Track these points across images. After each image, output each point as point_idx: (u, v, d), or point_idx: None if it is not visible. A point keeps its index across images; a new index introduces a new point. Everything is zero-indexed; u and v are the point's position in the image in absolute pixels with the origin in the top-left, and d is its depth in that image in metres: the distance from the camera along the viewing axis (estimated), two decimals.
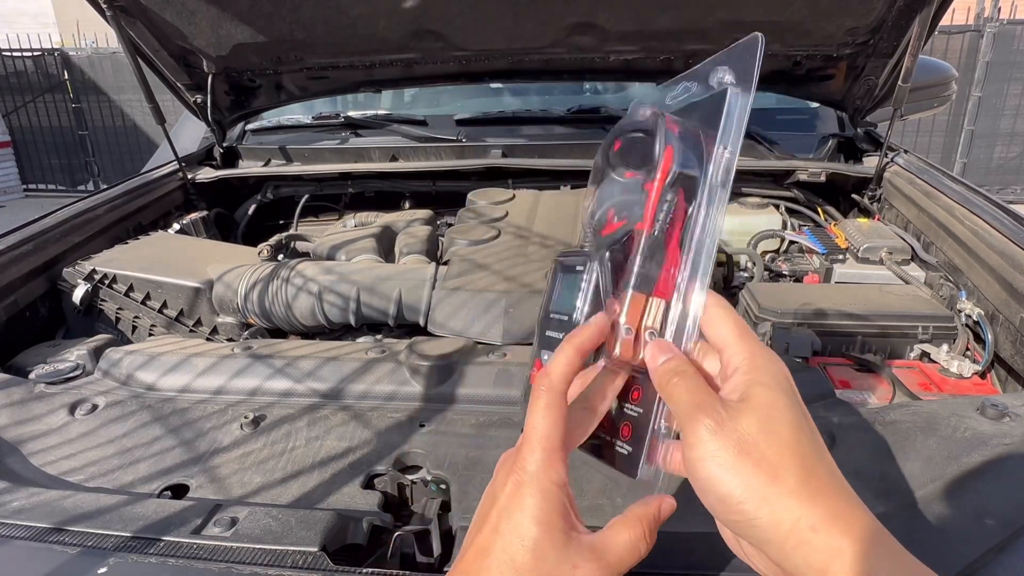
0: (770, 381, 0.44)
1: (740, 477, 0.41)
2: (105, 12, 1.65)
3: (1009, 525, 0.66)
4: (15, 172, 8.88)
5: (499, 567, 0.43)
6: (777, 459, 0.41)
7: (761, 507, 0.40)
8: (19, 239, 1.44)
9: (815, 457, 0.41)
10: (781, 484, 0.40)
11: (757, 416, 0.42)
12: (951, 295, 1.35)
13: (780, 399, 0.43)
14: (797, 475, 0.40)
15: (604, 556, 0.44)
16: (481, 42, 1.86)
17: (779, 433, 0.41)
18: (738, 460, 0.41)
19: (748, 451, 0.41)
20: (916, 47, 1.60)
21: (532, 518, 0.43)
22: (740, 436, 0.41)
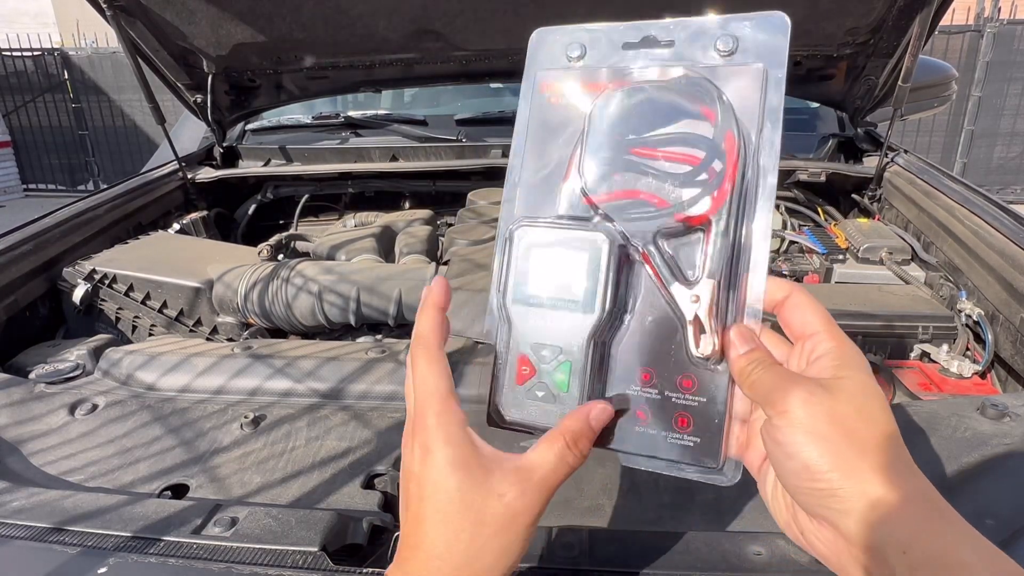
0: (862, 368, 0.44)
1: (830, 445, 0.41)
2: (105, 12, 1.65)
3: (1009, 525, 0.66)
4: (15, 172, 8.88)
5: (434, 527, 0.43)
6: (867, 436, 0.41)
7: (849, 477, 0.40)
8: (19, 239, 1.44)
9: (898, 445, 0.42)
10: (870, 459, 0.41)
11: (849, 395, 0.43)
12: (951, 295, 1.35)
13: (871, 386, 0.44)
14: (886, 454, 0.41)
15: (531, 476, 0.43)
16: (481, 42, 1.86)
17: (870, 413, 0.42)
18: (830, 430, 0.41)
19: (839, 423, 0.41)
20: (916, 47, 1.60)
21: (448, 466, 0.43)
22: (832, 408, 0.42)
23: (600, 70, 0.52)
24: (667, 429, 0.49)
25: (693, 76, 0.49)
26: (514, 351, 0.51)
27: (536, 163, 0.53)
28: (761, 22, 0.49)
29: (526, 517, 0.43)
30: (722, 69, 0.49)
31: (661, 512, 0.74)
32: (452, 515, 0.42)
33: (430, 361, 0.46)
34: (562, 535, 0.68)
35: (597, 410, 0.47)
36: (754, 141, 0.48)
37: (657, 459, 0.49)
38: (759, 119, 0.48)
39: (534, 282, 0.50)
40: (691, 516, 0.74)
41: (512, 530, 0.42)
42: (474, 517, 0.42)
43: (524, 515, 0.43)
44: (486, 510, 0.42)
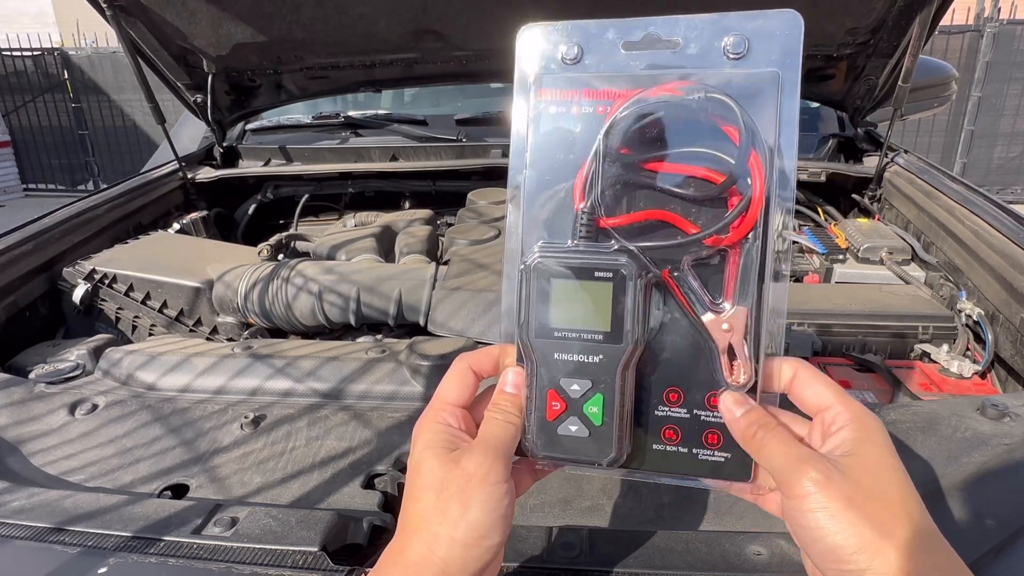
0: (879, 440, 0.45)
1: (854, 528, 0.42)
2: (105, 12, 1.65)
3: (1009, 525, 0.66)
4: (15, 172, 8.87)
5: (410, 506, 0.49)
6: (887, 515, 0.42)
7: (875, 558, 0.41)
8: (19, 239, 1.44)
9: (920, 516, 0.43)
10: (893, 538, 0.42)
11: (867, 472, 0.44)
12: (951, 295, 1.35)
13: (888, 458, 0.45)
14: (908, 530, 0.42)
15: (487, 446, 0.49)
16: (481, 41, 1.86)
17: (888, 490, 0.43)
18: (850, 512, 0.42)
19: (860, 504, 0.42)
20: (916, 47, 1.60)
21: (424, 451, 0.49)
22: (851, 489, 0.43)
23: (603, 76, 0.49)
24: (698, 446, 0.49)
25: (713, 94, 0.46)
26: (542, 386, 0.50)
27: (542, 184, 0.50)
28: (773, 21, 0.47)
29: (483, 478, 0.47)
30: (735, 76, 0.47)
31: (661, 512, 0.74)
32: (420, 489, 0.48)
33: (448, 374, 0.54)
34: (562, 535, 0.68)
35: (512, 375, 0.52)
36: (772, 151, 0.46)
37: (689, 476, 0.49)
38: (775, 128, 0.46)
39: (557, 315, 0.48)
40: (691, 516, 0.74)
41: (469, 490, 0.47)
42: (437, 486, 0.47)
43: (480, 476, 0.47)
44: (448, 478, 0.47)
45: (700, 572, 0.63)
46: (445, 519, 0.46)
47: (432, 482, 0.48)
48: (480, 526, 0.46)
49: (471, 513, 0.46)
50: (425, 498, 0.48)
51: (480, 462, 0.47)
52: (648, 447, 0.50)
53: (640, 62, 0.49)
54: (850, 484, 0.43)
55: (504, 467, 0.48)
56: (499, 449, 0.49)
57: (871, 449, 0.45)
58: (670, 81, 0.48)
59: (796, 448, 0.45)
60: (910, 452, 0.80)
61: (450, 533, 0.46)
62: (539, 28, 0.51)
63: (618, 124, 0.48)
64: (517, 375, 0.52)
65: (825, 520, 0.43)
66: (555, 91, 0.50)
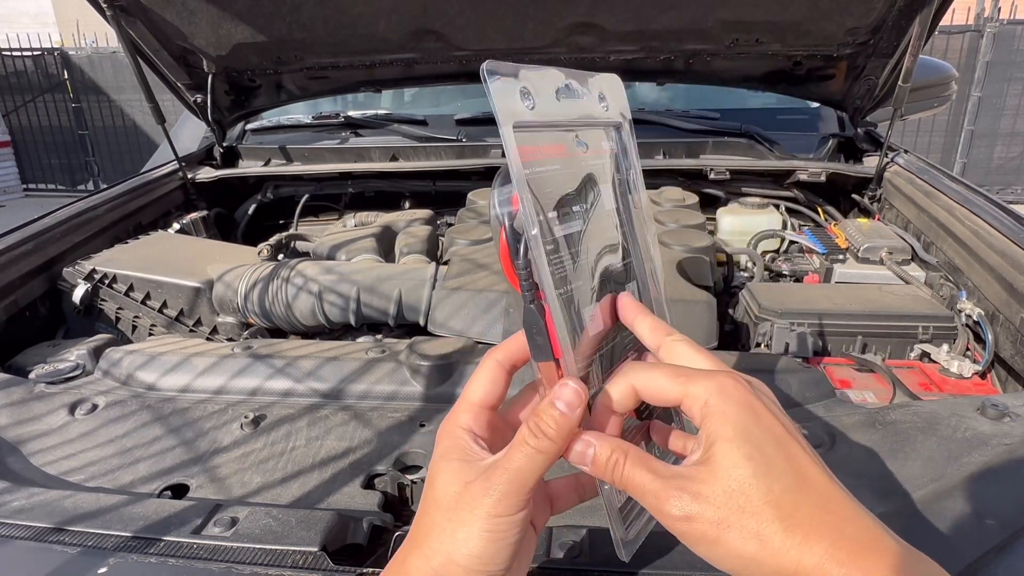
0: (729, 431, 0.41)
1: (727, 550, 0.40)
2: (105, 12, 1.65)
3: (1009, 525, 0.66)
4: (15, 172, 8.87)
5: (425, 507, 0.47)
6: (756, 523, 0.39)
7: (761, 572, 0.40)
8: (19, 239, 1.44)
9: (795, 498, 0.40)
10: (768, 544, 0.39)
11: (721, 483, 0.40)
12: (951, 295, 1.35)
13: (741, 450, 0.40)
14: (779, 528, 0.39)
15: (507, 476, 0.44)
16: (481, 42, 1.86)
17: (749, 494, 0.40)
18: (721, 534, 0.40)
19: (726, 524, 0.40)
20: (916, 47, 1.60)
21: (439, 460, 0.47)
22: (713, 512, 0.40)
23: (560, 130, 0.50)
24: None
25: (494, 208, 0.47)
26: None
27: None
28: (609, 81, 0.55)
29: (491, 508, 0.43)
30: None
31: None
32: (432, 504, 0.46)
33: (479, 372, 0.50)
34: (562, 535, 0.68)
35: (571, 391, 0.43)
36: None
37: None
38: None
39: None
40: None
41: (475, 518, 0.43)
42: (446, 504, 0.45)
43: (488, 506, 0.43)
44: (458, 499, 0.45)
45: (700, 572, 0.63)
46: (449, 539, 0.44)
47: (442, 499, 0.45)
48: (484, 555, 0.43)
49: (473, 542, 0.43)
50: (433, 513, 0.45)
51: (488, 489, 0.43)
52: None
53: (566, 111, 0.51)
54: (709, 506, 0.40)
55: (519, 500, 0.43)
56: (518, 482, 0.43)
57: (722, 449, 0.41)
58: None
59: (649, 480, 0.42)
60: (910, 452, 0.80)
61: (450, 554, 0.44)
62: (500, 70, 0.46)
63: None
64: (576, 394, 0.43)
65: (705, 550, 0.41)
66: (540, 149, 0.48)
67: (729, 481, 0.40)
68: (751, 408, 0.42)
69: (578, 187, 0.49)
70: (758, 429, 0.41)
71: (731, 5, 1.64)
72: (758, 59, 1.88)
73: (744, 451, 0.40)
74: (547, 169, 0.46)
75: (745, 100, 2.45)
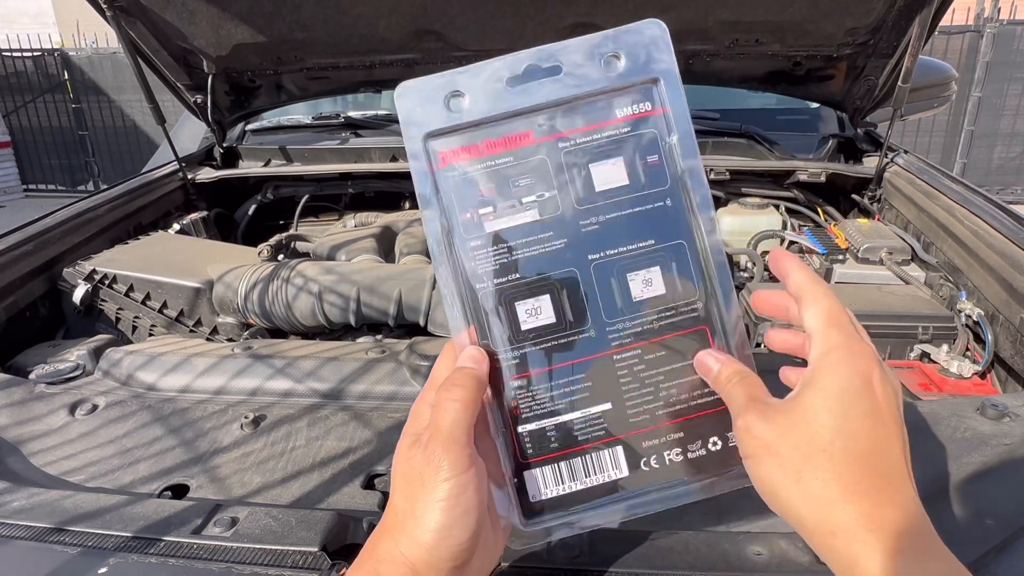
0: (826, 383, 0.44)
1: (768, 474, 0.43)
2: (105, 12, 1.65)
3: (1009, 525, 0.66)
4: (15, 172, 8.87)
5: (392, 501, 0.48)
6: (802, 461, 0.42)
7: (787, 508, 0.42)
8: (19, 239, 1.44)
9: (849, 458, 0.41)
10: (804, 486, 0.41)
11: (794, 416, 0.43)
12: (951, 295, 1.35)
13: (825, 402, 0.43)
14: (823, 479, 0.41)
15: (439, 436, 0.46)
16: (481, 42, 1.86)
17: (811, 434, 0.42)
18: (767, 458, 0.43)
19: (774, 451, 0.43)
20: (916, 47, 1.60)
21: (400, 440, 0.49)
22: (771, 437, 0.43)
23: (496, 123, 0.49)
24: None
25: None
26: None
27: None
28: (640, 30, 0.50)
29: (434, 475, 0.45)
30: (618, 92, 0.49)
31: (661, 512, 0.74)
32: (401, 487, 0.47)
33: (442, 354, 0.53)
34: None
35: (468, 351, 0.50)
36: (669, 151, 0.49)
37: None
38: (668, 129, 0.49)
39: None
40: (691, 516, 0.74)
41: (424, 489, 0.45)
42: (401, 482, 0.46)
43: (431, 473, 0.45)
44: (409, 474, 0.46)
45: (700, 572, 0.63)
46: (409, 518, 0.45)
47: (398, 478, 0.47)
48: (441, 527, 0.44)
49: (430, 514, 0.44)
50: (393, 494, 0.47)
51: (429, 457, 0.45)
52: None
53: (528, 96, 0.50)
54: (771, 430, 0.43)
55: (459, 458, 0.45)
56: (451, 438, 0.45)
57: (809, 395, 0.44)
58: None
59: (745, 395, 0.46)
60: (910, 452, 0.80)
61: (412, 532, 0.44)
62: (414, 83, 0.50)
63: None
64: (478, 351, 0.50)
65: (750, 467, 0.45)
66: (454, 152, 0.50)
67: (802, 417, 0.43)
68: (866, 378, 0.44)
69: (538, 175, 0.49)
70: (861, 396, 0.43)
71: (731, 5, 1.64)
72: (758, 59, 1.88)
73: (831, 403, 0.43)
74: (480, 167, 0.49)
75: (745, 100, 2.45)
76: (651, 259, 0.49)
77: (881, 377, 0.44)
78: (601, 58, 0.49)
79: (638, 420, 0.50)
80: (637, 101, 0.49)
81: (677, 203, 0.49)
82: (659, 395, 0.50)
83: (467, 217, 0.49)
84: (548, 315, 0.49)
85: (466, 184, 0.49)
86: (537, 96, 0.49)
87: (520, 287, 0.49)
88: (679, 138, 0.49)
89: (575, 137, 0.49)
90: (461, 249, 0.49)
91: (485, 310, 0.50)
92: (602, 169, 0.49)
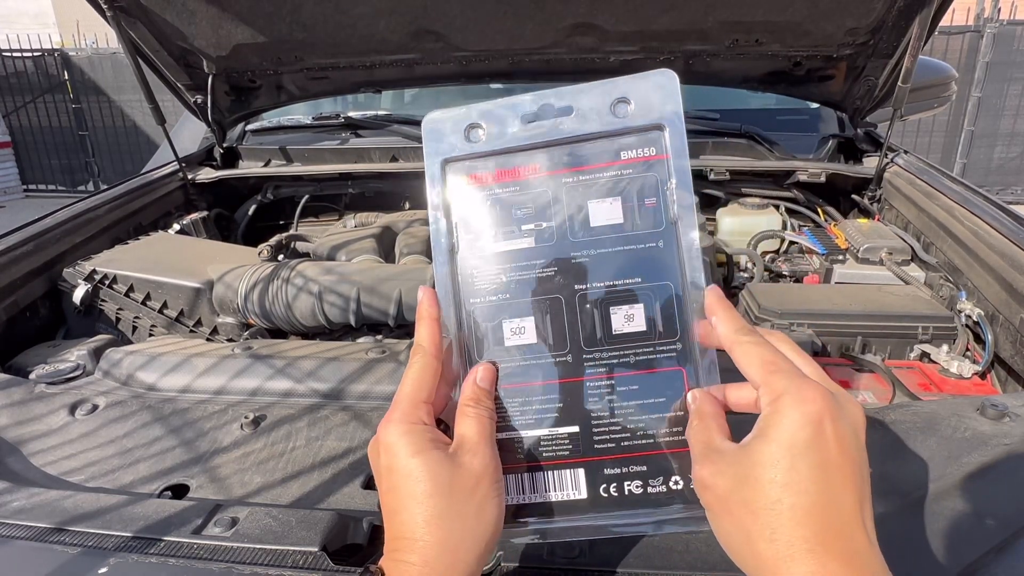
0: (775, 434, 0.42)
1: (722, 529, 0.44)
2: (105, 12, 1.65)
3: (1009, 525, 0.66)
4: (15, 172, 8.88)
5: (410, 513, 0.46)
6: (751, 520, 0.41)
7: (742, 563, 0.43)
8: (19, 239, 1.44)
9: (797, 515, 0.40)
10: (752, 545, 0.41)
11: (743, 470, 0.42)
12: (951, 295, 1.35)
13: (773, 455, 0.41)
14: (769, 538, 0.41)
15: (468, 441, 0.48)
16: (481, 42, 1.86)
17: (759, 493, 0.41)
18: (721, 514, 0.44)
19: (726, 507, 0.43)
20: (916, 47, 1.60)
21: (409, 455, 0.47)
22: (724, 491, 0.43)
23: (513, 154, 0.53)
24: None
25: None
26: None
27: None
28: (651, 78, 0.52)
29: (486, 476, 0.47)
30: (625, 135, 0.52)
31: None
32: (423, 496, 0.46)
33: (415, 367, 0.51)
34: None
35: (483, 371, 0.52)
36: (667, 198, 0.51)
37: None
38: (668, 174, 0.51)
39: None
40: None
41: (480, 490, 0.46)
42: (444, 490, 0.46)
43: (484, 475, 0.47)
44: (453, 481, 0.46)
45: (700, 572, 0.63)
46: (458, 528, 0.45)
47: (438, 487, 0.46)
48: (496, 522, 0.47)
49: (487, 511, 0.46)
50: (430, 504, 0.45)
51: (485, 461, 0.48)
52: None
53: (537, 134, 0.53)
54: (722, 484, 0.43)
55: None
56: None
57: (758, 446, 0.42)
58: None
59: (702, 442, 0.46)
60: (910, 452, 0.80)
61: (461, 536, 0.46)
62: (439, 116, 0.55)
63: None
64: (487, 370, 0.52)
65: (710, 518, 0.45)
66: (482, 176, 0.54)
67: (750, 472, 0.42)
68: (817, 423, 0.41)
69: (538, 206, 0.53)
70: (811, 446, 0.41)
71: (731, 5, 1.64)
72: (758, 59, 1.88)
73: (778, 456, 0.41)
74: (488, 193, 0.53)
75: (745, 100, 2.45)
76: (636, 296, 0.51)
77: (834, 417, 0.42)
78: (612, 102, 0.52)
79: (602, 447, 0.51)
80: (642, 145, 0.52)
81: (668, 246, 0.51)
82: (626, 427, 0.51)
83: (471, 237, 0.53)
84: (530, 336, 0.52)
85: (474, 207, 0.53)
86: (548, 133, 0.53)
87: (509, 306, 0.53)
88: (676, 184, 0.51)
89: (578, 174, 0.52)
90: (462, 264, 0.53)
91: (476, 321, 0.53)
92: (600, 207, 0.52)
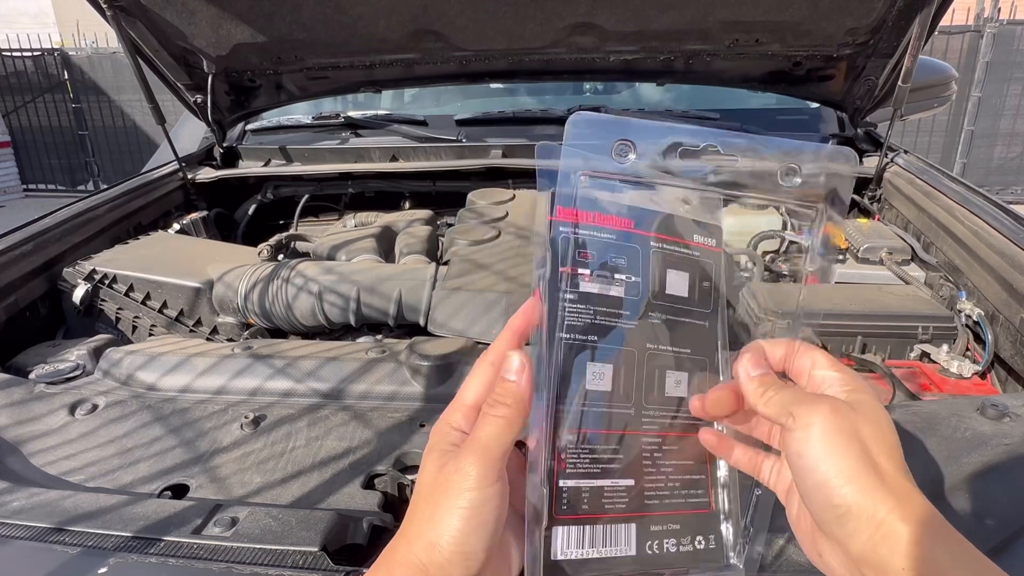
0: (872, 393, 0.48)
1: (847, 461, 0.44)
2: (105, 12, 1.66)
3: (1009, 525, 0.66)
4: (15, 172, 8.88)
5: (415, 510, 0.47)
6: (880, 455, 0.44)
7: (861, 495, 0.43)
8: (19, 239, 1.44)
9: (904, 465, 0.45)
10: (881, 476, 0.43)
11: (867, 415, 0.46)
12: (951, 295, 1.35)
13: (883, 409, 0.46)
14: (896, 474, 0.43)
15: (475, 446, 0.46)
16: (481, 42, 1.86)
17: (884, 435, 0.45)
18: (849, 446, 0.44)
19: (859, 440, 0.44)
20: (916, 47, 1.60)
21: (427, 454, 0.48)
22: (854, 424, 0.45)
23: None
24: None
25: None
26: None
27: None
28: (827, 154, 0.53)
29: (460, 483, 0.45)
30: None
31: None
32: (416, 492, 0.47)
33: (474, 374, 0.50)
34: None
35: (511, 360, 0.49)
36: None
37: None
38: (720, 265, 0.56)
39: None
40: None
41: (448, 495, 0.45)
42: (426, 490, 0.46)
43: (457, 481, 0.45)
44: (435, 482, 0.46)
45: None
46: (427, 522, 0.46)
47: (422, 486, 0.47)
48: (461, 534, 0.44)
49: (450, 520, 0.45)
50: (414, 501, 0.47)
51: (459, 466, 0.46)
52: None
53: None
54: (856, 419, 0.45)
55: (489, 471, 0.45)
56: (486, 452, 0.46)
57: (869, 398, 0.47)
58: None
59: (806, 392, 0.49)
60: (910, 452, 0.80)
61: (429, 537, 0.45)
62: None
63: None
64: (520, 362, 0.48)
65: (822, 449, 0.45)
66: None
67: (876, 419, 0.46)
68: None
69: (630, 259, 0.55)
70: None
71: (731, 5, 1.64)
72: (758, 59, 1.88)
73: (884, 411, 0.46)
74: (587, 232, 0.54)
75: (745, 100, 2.45)
76: (683, 365, 0.55)
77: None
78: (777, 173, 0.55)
79: (651, 503, 0.53)
80: (706, 236, 0.58)
81: (712, 326, 0.57)
82: (667, 485, 0.53)
83: (566, 269, 0.53)
84: (607, 383, 0.53)
85: (574, 241, 0.53)
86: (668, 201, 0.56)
87: (596, 349, 0.53)
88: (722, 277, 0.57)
89: (663, 243, 0.56)
90: (559, 297, 0.52)
91: (561, 356, 0.52)
92: (676, 277, 0.56)
